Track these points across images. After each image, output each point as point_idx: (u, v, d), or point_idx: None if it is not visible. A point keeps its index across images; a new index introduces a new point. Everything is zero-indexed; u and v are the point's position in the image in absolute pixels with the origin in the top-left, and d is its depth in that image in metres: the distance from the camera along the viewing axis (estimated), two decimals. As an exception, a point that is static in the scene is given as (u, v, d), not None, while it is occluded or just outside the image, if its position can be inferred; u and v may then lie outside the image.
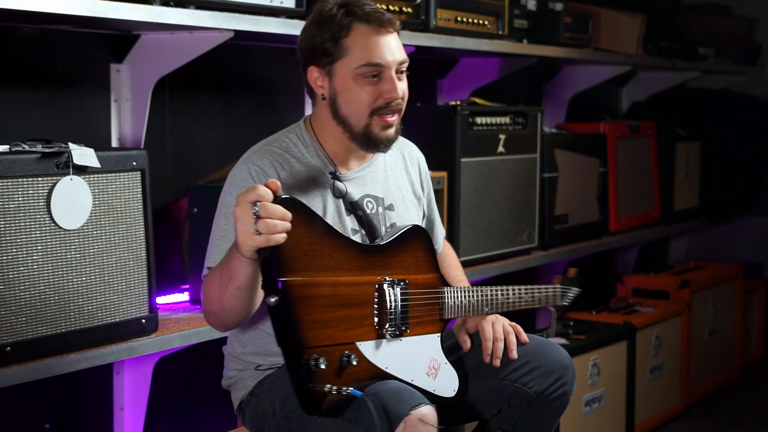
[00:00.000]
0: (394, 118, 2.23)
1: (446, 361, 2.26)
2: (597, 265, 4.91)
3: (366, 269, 2.14)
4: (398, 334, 2.16)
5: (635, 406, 3.91)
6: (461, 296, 2.30)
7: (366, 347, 2.11)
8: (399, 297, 2.16)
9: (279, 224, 1.91)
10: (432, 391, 2.21)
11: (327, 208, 2.23)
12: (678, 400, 4.33)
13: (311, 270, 2.04)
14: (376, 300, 2.13)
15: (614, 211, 4.34)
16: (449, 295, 2.28)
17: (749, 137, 5.64)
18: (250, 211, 1.90)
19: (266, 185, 1.93)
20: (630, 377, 3.87)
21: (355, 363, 2.06)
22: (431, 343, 2.24)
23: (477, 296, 2.32)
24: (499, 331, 2.34)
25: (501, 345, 2.33)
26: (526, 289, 2.42)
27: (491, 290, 2.35)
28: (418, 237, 2.26)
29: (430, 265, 2.27)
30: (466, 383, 2.34)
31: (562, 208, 3.93)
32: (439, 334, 2.26)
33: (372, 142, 2.24)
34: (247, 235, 1.91)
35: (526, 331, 2.38)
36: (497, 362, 2.32)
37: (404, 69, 2.25)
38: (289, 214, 1.93)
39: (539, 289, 2.46)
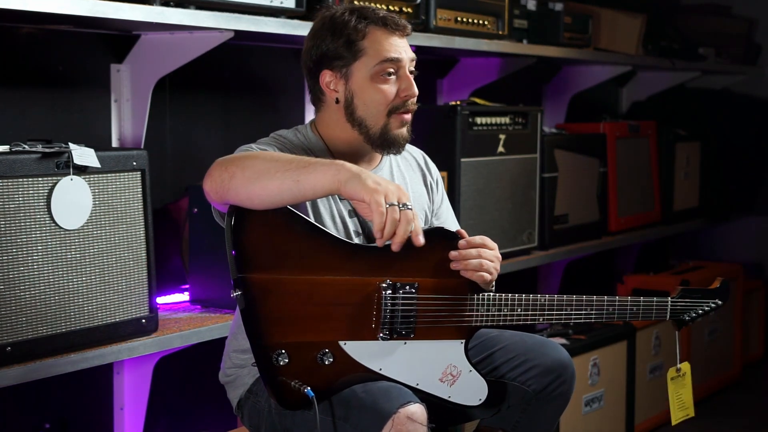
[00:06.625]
0: (409, 117, 2.25)
1: (471, 368, 2.20)
2: (597, 265, 4.92)
3: (364, 271, 2.11)
4: (397, 338, 2.14)
5: (635, 406, 3.91)
6: (498, 304, 2.19)
7: (353, 347, 2.10)
8: (401, 301, 2.13)
9: (408, 228, 1.97)
10: (447, 397, 2.18)
11: (331, 207, 2.23)
12: (678, 400, 4.33)
13: (284, 268, 2.05)
14: (370, 302, 2.11)
15: (614, 211, 4.33)
16: (480, 302, 2.19)
17: (749, 137, 5.64)
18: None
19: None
20: (630, 377, 3.87)
21: (330, 361, 2.07)
22: (450, 349, 2.18)
23: (523, 306, 2.21)
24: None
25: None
26: (605, 301, 2.31)
27: (550, 299, 2.23)
28: (441, 239, 2.17)
29: (455, 270, 2.17)
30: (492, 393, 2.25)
31: (561, 208, 3.93)
32: (463, 341, 2.19)
33: (389, 142, 2.25)
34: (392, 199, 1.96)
35: (525, 330, 2.36)
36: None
37: (414, 69, 2.27)
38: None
39: (623, 301, 2.33)
